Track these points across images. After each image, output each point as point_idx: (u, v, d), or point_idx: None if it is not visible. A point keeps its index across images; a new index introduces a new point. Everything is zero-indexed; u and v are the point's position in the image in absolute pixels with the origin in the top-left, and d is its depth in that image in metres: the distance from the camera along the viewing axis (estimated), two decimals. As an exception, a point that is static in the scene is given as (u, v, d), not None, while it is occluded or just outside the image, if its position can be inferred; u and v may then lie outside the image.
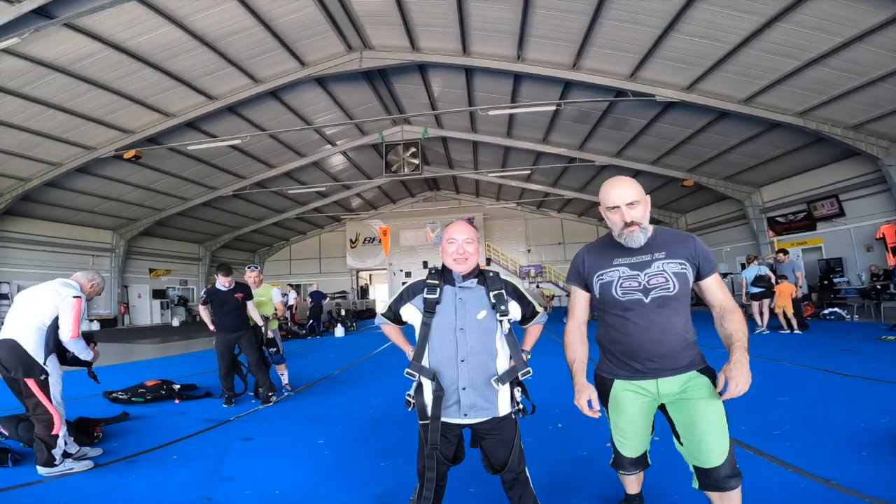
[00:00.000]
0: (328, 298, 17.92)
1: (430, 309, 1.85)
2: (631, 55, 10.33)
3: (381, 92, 14.82)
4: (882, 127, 10.69)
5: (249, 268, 6.12)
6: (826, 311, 11.89)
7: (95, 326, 18.33)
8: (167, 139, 14.18)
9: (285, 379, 5.93)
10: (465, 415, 1.81)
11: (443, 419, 1.81)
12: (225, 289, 5.29)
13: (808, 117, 11.00)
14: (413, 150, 15.91)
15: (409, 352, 1.97)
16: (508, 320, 1.86)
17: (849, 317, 11.36)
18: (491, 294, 1.86)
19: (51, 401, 3.18)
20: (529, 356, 2.02)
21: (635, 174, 17.46)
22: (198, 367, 8.08)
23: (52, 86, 10.76)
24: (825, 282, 13.73)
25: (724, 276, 18.70)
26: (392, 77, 13.93)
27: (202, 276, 25.77)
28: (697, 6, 8.44)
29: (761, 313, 9.62)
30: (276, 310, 6.07)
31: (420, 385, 1.88)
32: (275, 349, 5.79)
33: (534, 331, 2.09)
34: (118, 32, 9.75)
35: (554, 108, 12.73)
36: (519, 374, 1.84)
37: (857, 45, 8.42)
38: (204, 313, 5.55)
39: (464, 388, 1.79)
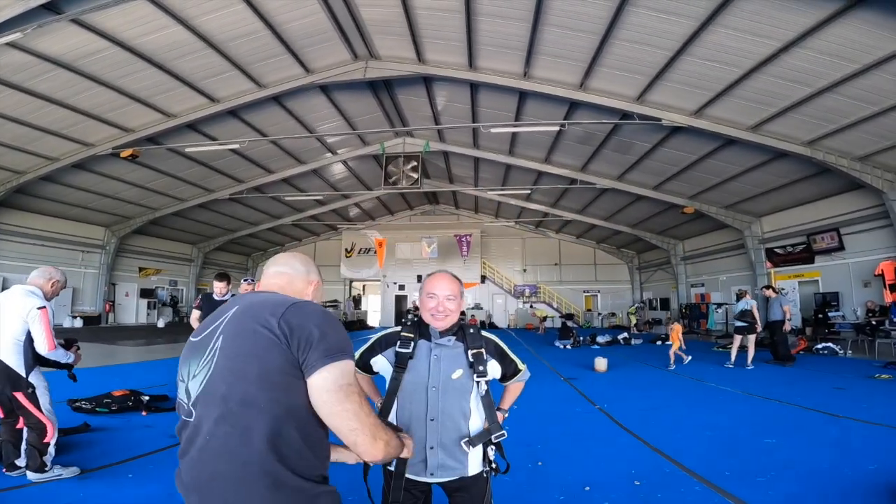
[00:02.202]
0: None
1: (401, 364, 1.75)
2: (640, 77, 10.29)
3: (384, 102, 14.78)
4: (889, 159, 10.62)
5: (245, 280, 5.91)
6: (819, 346, 11.77)
7: (78, 323, 17.90)
8: (166, 139, 14.05)
9: None
10: (432, 474, 1.71)
11: (408, 476, 1.71)
12: (219, 298, 5.09)
13: (816, 147, 10.92)
14: (414, 163, 15.85)
15: (379, 402, 1.86)
16: (486, 381, 1.76)
17: (842, 352, 11.25)
18: (469, 353, 1.75)
19: (41, 411, 3.21)
20: (507, 415, 1.98)
21: (636, 199, 17.54)
22: (174, 375, 7.74)
23: (55, 81, 10.65)
24: (820, 316, 13.62)
25: (718, 306, 18.72)
26: (397, 88, 13.90)
27: (193, 277, 25.45)
28: (714, 30, 8.35)
29: (741, 347, 9.57)
30: None
31: None
32: None
33: (514, 388, 1.99)
34: (125, 30, 9.67)
35: (558, 128, 12.71)
36: (492, 437, 1.74)
37: (873, 72, 8.27)
38: (194, 321, 5.29)
39: (431, 448, 1.69)
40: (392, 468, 1.70)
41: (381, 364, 1.85)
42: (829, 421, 5.05)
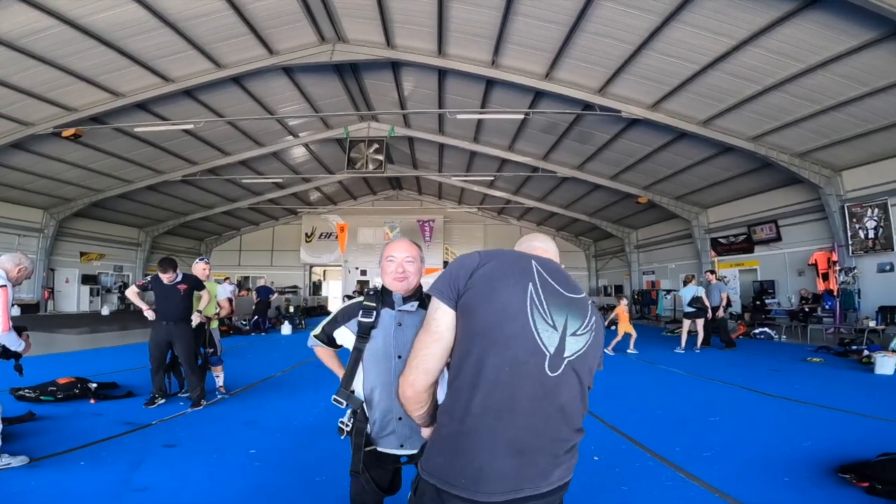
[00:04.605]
0: (276, 294, 17.25)
1: (363, 333, 1.74)
2: (603, 70, 10.52)
3: (350, 86, 14.45)
4: (826, 156, 11.42)
5: (201, 259, 5.74)
6: (757, 331, 12.71)
7: (15, 312, 16.69)
8: (114, 119, 13.21)
9: (220, 381, 5.59)
10: (402, 445, 1.72)
11: (380, 449, 1.74)
12: (168, 283, 4.95)
13: (760, 142, 11.56)
14: (377, 147, 15.64)
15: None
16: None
17: (777, 337, 12.18)
18: None
19: None
20: None
21: (594, 188, 18.13)
22: (127, 362, 7.48)
23: (-7, 60, 9.83)
24: (758, 302, 14.67)
25: (668, 292, 19.79)
26: (363, 72, 13.61)
27: (141, 262, 24.23)
28: (675, 26, 8.57)
29: (690, 332, 10.07)
30: (219, 308, 5.72)
31: (355, 411, 1.78)
32: (212, 350, 5.46)
33: None
34: (75, 8, 9.02)
35: (522, 116, 12.90)
36: None
37: (818, 71, 8.65)
38: (134, 296, 5.13)
39: (399, 419, 1.69)
40: (354, 441, 1.74)
41: (345, 336, 1.83)
42: (766, 400, 5.50)
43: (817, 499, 2.83)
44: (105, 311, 20.03)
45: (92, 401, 5.04)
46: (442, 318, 1.22)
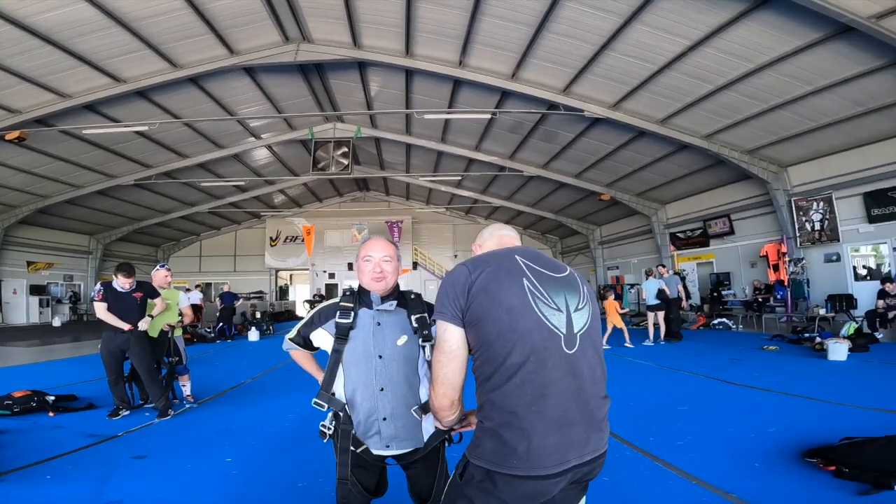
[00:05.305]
0: (241, 300, 16.73)
1: (342, 334, 1.70)
2: (567, 69, 10.74)
3: (315, 87, 14.19)
4: (774, 152, 12.09)
5: (162, 266, 5.52)
6: (716, 321, 13.30)
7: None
8: (61, 121, 12.49)
9: (187, 390, 5.43)
10: (388, 446, 1.70)
11: (366, 448, 1.72)
12: (123, 290, 4.74)
13: (713, 140, 12.12)
14: (344, 148, 15.47)
15: (321, 380, 1.83)
16: (431, 346, 1.68)
17: (735, 326, 12.78)
18: (413, 318, 1.73)
19: None
20: None
21: (559, 186, 18.52)
22: (82, 374, 7.13)
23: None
24: (715, 294, 15.33)
25: (631, 286, 20.43)
26: (329, 72, 13.40)
27: (92, 270, 22.95)
28: (636, 27, 8.83)
29: (655, 325, 10.32)
30: (181, 316, 5.51)
31: (337, 414, 1.74)
32: (177, 358, 5.28)
33: None
34: (20, 8, 8.55)
35: (489, 116, 13.03)
36: None
37: (766, 71, 9.05)
38: (105, 314, 4.81)
39: (384, 419, 1.67)
40: (339, 444, 1.71)
41: (322, 338, 1.79)
42: (730, 389, 5.73)
43: (790, 483, 2.96)
44: (56, 323, 18.87)
45: (51, 414, 4.86)
46: (452, 337, 1.30)
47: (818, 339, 8.36)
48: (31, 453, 3.60)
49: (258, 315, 18.53)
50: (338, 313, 1.73)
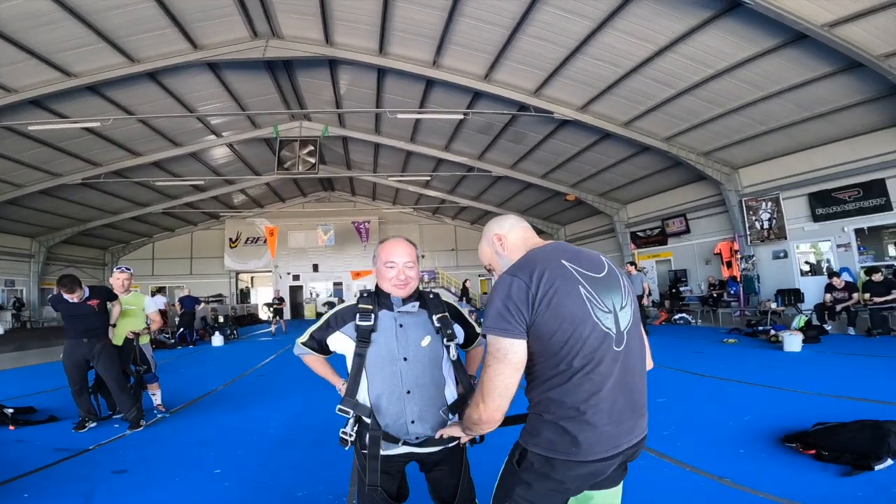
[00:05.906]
0: (203, 304, 16.03)
1: (364, 338, 1.67)
2: (539, 72, 10.93)
3: (282, 84, 13.79)
4: (727, 155, 12.79)
5: (119, 269, 5.26)
6: (676, 317, 13.98)
7: None
8: (3, 117, 11.56)
9: (157, 399, 5.23)
10: (416, 441, 1.68)
11: (389, 452, 1.68)
12: (73, 301, 4.51)
13: (672, 142, 12.68)
14: (311, 147, 15.16)
15: (340, 385, 1.80)
16: (455, 345, 1.73)
17: (694, 321, 13.49)
18: (435, 318, 1.72)
19: None
20: (476, 381, 1.85)
21: (526, 186, 18.87)
22: (34, 385, 6.71)
23: None
24: (673, 290, 16.11)
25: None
26: (297, 70, 13.06)
27: (35, 275, 21.31)
28: (607, 32, 9.03)
29: None
30: (149, 322, 5.28)
31: (359, 419, 1.70)
32: (145, 367, 5.06)
33: (476, 354, 1.98)
34: None
35: (461, 116, 13.11)
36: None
37: (724, 77, 9.42)
38: None
39: (413, 422, 1.65)
40: (365, 450, 1.66)
41: (341, 342, 1.76)
42: (700, 380, 6.02)
43: (777, 466, 3.14)
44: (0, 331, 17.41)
45: (11, 427, 4.62)
46: (521, 350, 1.29)
47: (773, 332, 8.86)
48: (1, 469, 3.39)
49: (220, 319, 17.83)
50: (357, 315, 1.69)
